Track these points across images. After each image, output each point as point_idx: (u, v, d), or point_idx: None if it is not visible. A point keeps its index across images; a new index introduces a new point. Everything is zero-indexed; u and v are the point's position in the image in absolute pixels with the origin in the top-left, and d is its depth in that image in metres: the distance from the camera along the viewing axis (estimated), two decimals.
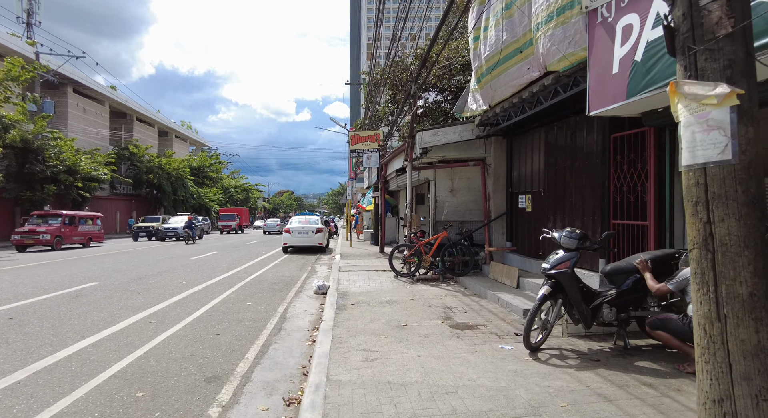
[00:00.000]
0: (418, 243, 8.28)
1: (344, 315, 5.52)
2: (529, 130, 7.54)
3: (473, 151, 8.54)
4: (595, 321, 3.84)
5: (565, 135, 6.45)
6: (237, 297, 7.20)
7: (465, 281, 7.70)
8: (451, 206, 9.15)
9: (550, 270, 3.84)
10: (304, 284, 8.80)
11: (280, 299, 7.06)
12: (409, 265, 8.51)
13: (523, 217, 7.79)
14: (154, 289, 7.90)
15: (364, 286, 7.70)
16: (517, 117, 6.75)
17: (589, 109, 4.55)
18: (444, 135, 8.20)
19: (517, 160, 8.03)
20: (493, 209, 8.37)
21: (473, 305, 6.13)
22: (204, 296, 7.22)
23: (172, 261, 12.78)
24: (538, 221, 7.22)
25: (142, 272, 10.12)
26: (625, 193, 5.13)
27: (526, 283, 6.50)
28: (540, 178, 7.13)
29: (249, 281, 9.05)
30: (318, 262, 13.07)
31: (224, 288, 8.07)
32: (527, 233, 7.59)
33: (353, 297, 6.72)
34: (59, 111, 31.78)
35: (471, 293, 7.08)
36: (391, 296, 6.75)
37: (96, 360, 4.01)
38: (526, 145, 7.66)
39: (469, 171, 9.13)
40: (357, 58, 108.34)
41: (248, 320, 5.61)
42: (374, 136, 14.69)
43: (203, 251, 16.47)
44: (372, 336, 4.54)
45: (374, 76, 20.77)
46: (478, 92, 7.56)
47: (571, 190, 6.26)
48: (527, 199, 7.60)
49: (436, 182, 9.11)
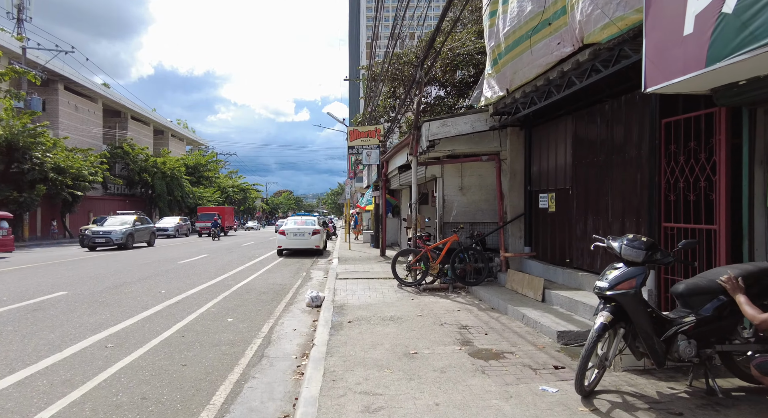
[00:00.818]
0: (424, 248, 7.35)
1: (340, 337, 4.59)
2: (552, 119, 6.61)
3: (486, 144, 7.61)
4: (668, 357, 2.91)
5: (598, 123, 5.52)
6: (218, 311, 6.27)
7: (479, 291, 6.77)
8: (460, 206, 8.22)
9: (609, 290, 2.92)
10: (297, 293, 7.87)
11: (266, 314, 6.13)
12: (415, 272, 7.59)
13: (544, 218, 6.86)
14: (126, 300, 6.97)
15: (363, 297, 6.77)
16: (541, 103, 5.82)
17: (645, 84, 3.62)
18: (454, 126, 7.27)
19: (537, 154, 7.10)
20: (509, 210, 7.44)
21: (493, 323, 5.20)
22: (180, 310, 6.29)
23: (157, 266, 11.86)
24: (563, 223, 6.30)
25: (121, 279, 9.19)
26: (682, 191, 4.20)
27: (553, 296, 5.57)
28: (566, 173, 6.21)
29: (236, 289, 8.12)
30: (314, 266, 12.14)
31: (206, 299, 7.14)
32: (550, 237, 6.67)
33: (351, 312, 5.80)
34: (50, 109, 30.86)
35: (487, 306, 6.15)
36: (396, 311, 5.82)
37: (11, 410, 3.07)
38: (548, 137, 6.74)
39: (481, 167, 8.20)
40: (356, 57, 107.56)
41: (225, 343, 4.68)
42: (374, 132, 13.76)
43: (194, 254, 15.54)
44: (374, 369, 3.61)
45: (374, 70, 19.85)
46: (494, 77, 6.63)
47: (607, 188, 5.33)
48: (550, 199, 6.67)
49: (444, 179, 8.19)
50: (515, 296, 6.16)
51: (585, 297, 5.10)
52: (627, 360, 3.41)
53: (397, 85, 16.98)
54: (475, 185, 8.25)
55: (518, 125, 7.39)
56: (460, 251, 7.11)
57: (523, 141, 7.39)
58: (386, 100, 18.42)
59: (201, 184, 45.53)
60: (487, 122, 7.34)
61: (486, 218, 8.27)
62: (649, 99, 4.63)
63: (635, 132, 4.88)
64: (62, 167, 24.14)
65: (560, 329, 4.41)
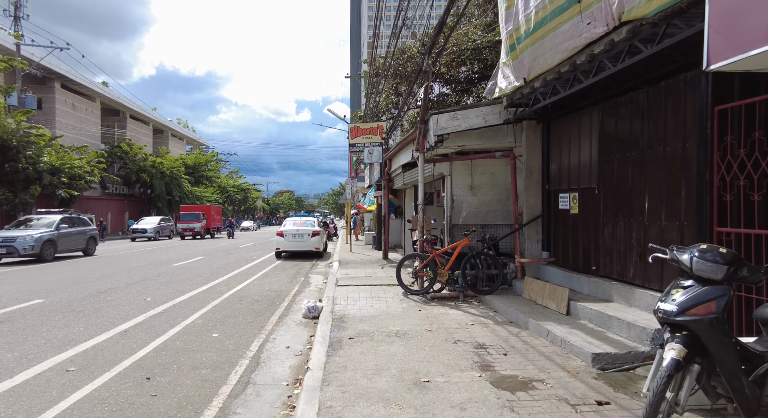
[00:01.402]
0: (432, 252, 6.72)
1: (339, 358, 3.97)
2: (574, 111, 5.98)
3: (500, 139, 6.98)
4: (761, 403, 2.28)
5: (632, 113, 4.88)
6: (205, 323, 5.66)
7: (493, 301, 6.14)
8: (470, 207, 7.59)
9: (680, 315, 2.29)
10: (294, 301, 7.25)
11: (258, 327, 5.51)
12: (421, 279, 6.96)
13: (565, 221, 6.23)
14: (107, 309, 6.37)
15: (366, 307, 6.15)
16: (565, 92, 5.19)
17: (707, 60, 2.97)
18: (464, 119, 6.64)
19: (556, 150, 6.47)
20: (525, 211, 6.81)
21: (513, 340, 4.57)
22: (163, 322, 5.68)
23: (149, 269, 11.26)
24: (588, 225, 5.66)
25: (106, 285, 8.60)
26: (743, 189, 3.57)
27: (579, 309, 4.93)
28: (592, 171, 5.57)
29: (227, 297, 7.50)
30: (313, 270, 11.52)
31: (193, 308, 6.53)
32: (572, 241, 6.03)
33: (352, 325, 5.18)
34: (46, 107, 30.38)
35: (504, 319, 5.52)
36: (402, 324, 5.20)
37: None
38: (570, 131, 6.10)
39: (493, 164, 7.58)
40: (357, 57, 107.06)
41: (207, 366, 4.06)
42: (376, 129, 13.14)
43: (189, 256, 14.95)
44: (379, 404, 2.99)
45: (376, 65, 19.22)
46: (510, 65, 6.00)
47: (642, 186, 4.69)
48: (572, 199, 6.04)
49: (453, 178, 7.56)
50: (535, 308, 5.53)
51: (618, 311, 4.47)
52: (692, 399, 2.77)
53: (400, 82, 16.36)
54: (487, 184, 7.62)
55: (535, 118, 6.75)
56: (471, 256, 6.48)
57: (541, 136, 6.75)
58: (389, 97, 17.81)
59: (201, 184, 45.00)
60: (501, 115, 6.71)
61: (498, 220, 7.63)
62: (698, 84, 4.00)
63: (678, 123, 4.24)
64: (57, 166, 23.58)
65: (595, 351, 3.78)
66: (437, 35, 6.30)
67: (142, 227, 26.67)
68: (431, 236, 8.14)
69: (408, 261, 7.38)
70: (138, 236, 26.08)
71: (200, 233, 28.76)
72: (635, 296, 4.58)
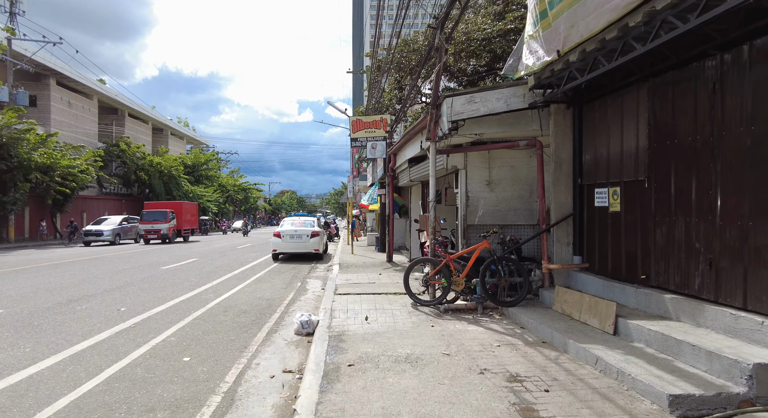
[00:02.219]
0: (447, 257, 5.81)
1: (336, 396, 3.08)
2: (614, 91, 5.06)
3: (522, 126, 6.08)
4: None
5: (697, 88, 3.96)
6: (178, 342, 4.78)
7: (518, 315, 5.22)
8: (488, 205, 6.68)
9: None
10: (287, 312, 6.36)
11: (240, 347, 4.62)
12: (433, 287, 6.06)
13: (602, 220, 5.31)
14: (68, 323, 5.50)
15: (370, 321, 5.25)
16: (610, 64, 4.28)
17: None
18: (483, 103, 5.74)
19: (591, 138, 5.55)
20: (554, 209, 5.90)
21: (553, 368, 3.66)
22: (130, 339, 4.80)
23: (134, 272, 10.42)
24: (633, 225, 4.75)
25: (82, 291, 7.74)
26: None
27: (631, 328, 4.02)
28: (639, 161, 4.65)
29: (212, 307, 6.62)
30: (312, 273, 10.64)
31: (170, 321, 5.65)
32: (612, 244, 5.12)
33: (353, 345, 4.29)
34: (41, 104, 29.65)
35: (535, 338, 4.61)
36: (413, 345, 4.30)
37: None
38: (608, 114, 5.18)
39: (513, 156, 6.67)
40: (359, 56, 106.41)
41: (166, 406, 3.17)
42: (380, 122, 12.27)
43: (182, 258, 14.11)
44: None
45: (379, 59, 18.37)
46: (539, 37, 5.09)
47: (713, 179, 3.77)
48: (611, 195, 5.12)
49: (468, 172, 6.65)
50: (572, 325, 4.61)
51: (687, 334, 3.55)
52: None
53: (403, 75, 15.51)
54: (507, 179, 6.71)
55: (565, 102, 5.84)
56: (492, 261, 5.57)
57: (571, 122, 5.84)
58: (392, 92, 16.94)
59: (201, 184, 44.26)
60: (526, 98, 5.81)
61: (519, 220, 6.72)
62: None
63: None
64: (48, 165, 22.81)
65: (672, 392, 2.86)
66: (452, 4, 5.39)
67: (98, 228, 21.52)
68: (442, 237, 7.24)
69: (417, 267, 6.48)
70: (92, 239, 21.06)
71: (168, 235, 23.03)
72: (706, 314, 3.67)
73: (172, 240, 23.65)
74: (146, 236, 22.79)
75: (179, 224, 24.80)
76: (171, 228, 23.60)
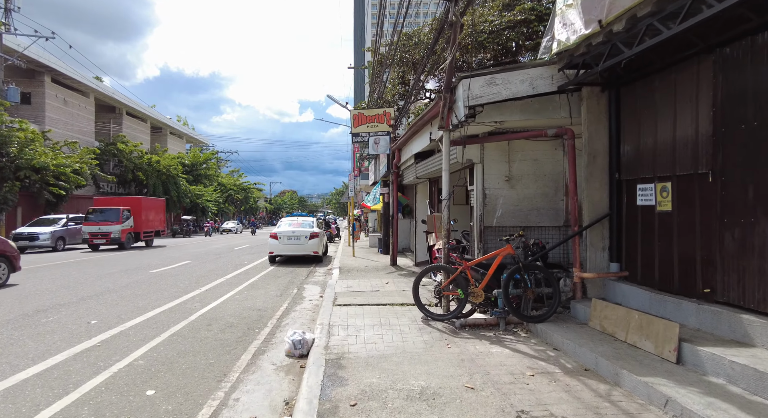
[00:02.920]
0: (463, 264, 5.02)
1: None
2: (665, 67, 4.27)
3: (549, 113, 5.29)
4: None
5: None
6: (147, 366, 4.00)
7: (549, 332, 4.43)
8: (508, 203, 5.89)
9: None
10: (279, 325, 5.58)
11: (219, 375, 3.84)
12: (446, 299, 5.27)
13: (647, 221, 4.52)
14: (24, 340, 4.74)
15: (374, 340, 4.47)
16: (671, 30, 3.48)
17: None
18: (505, 85, 4.95)
19: (632, 125, 4.76)
20: (586, 208, 5.10)
21: (608, 410, 2.87)
22: (89, 364, 4.03)
23: (120, 277, 9.66)
24: (691, 227, 3.95)
25: (53, 300, 6.98)
26: None
27: (702, 357, 3.22)
28: (700, 150, 3.86)
29: (195, 319, 5.85)
30: (310, 278, 9.86)
31: (143, 338, 4.88)
32: (661, 250, 4.32)
33: (355, 374, 3.51)
34: (35, 101, 28.98)
35: (574, 363, 3.81)
36: (428, 373, 3.52)
37: None
38: (657, 96, 4.39)
39: (536, 147, 5.88)
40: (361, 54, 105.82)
41: None
42: (383, 116, 11.48)
43: (175, 260, 13.34)
44: None
45: (381, 53, 17.63)
46: (577, 6, 4.32)
47: None
48: (660, 191, 4.33)
49: (485, 166, 5.86)
50: (618, 348, 3.82)
51: None
52: None
53: (406, 70, 14.79)
54: (529, 174, 5.92)
55: (599, 84, 5.05)
56: (516, 269, 4.78)
57: (606, 107, 5.05)
58: (394, 87, 16.19)
59: (201, 183, 43.56)
60: (554, 80, 5.02)
61: (543, 221, 5.93)
62: None
63: None
64: (40, 164, 22.09)
65: None
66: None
67: (32, 231, 17.21)
68: (454, 240, 6.46)
69: (429, 275, 5.70)
70: (26, 245, 16.65)
71: (119, 239, 18.25)
72: None
73: (127, 245, 18.85)
74: (92, 241, 17.77)
75: (138, 224, 20.00)
76: (126, 230, 18.78)
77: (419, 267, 10.37)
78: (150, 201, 23.63)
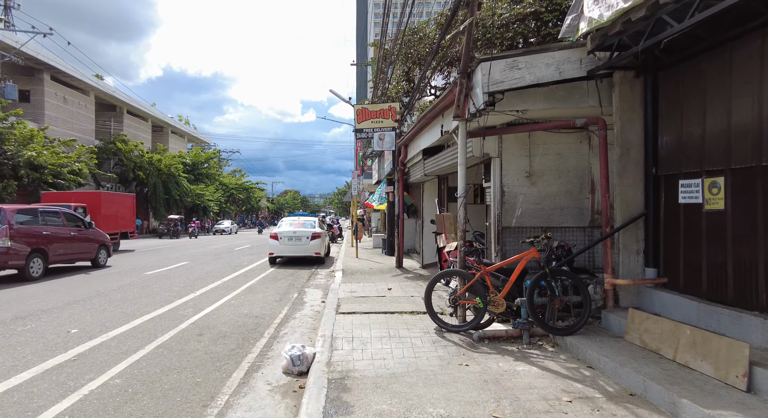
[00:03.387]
0: (482, 269, 4.50)
1: None
2: (717, 45, 3.73)
3: (576, 101, 4.76)
4: None
5: None
6: (123, 387, 3.50)
7: (580, 347, 3.90)
8: (528, 202, 5.37)
9: None
10: (277, 336, 5.07)
11: (204, 398, 3.34)
12: (462, 307, 4.75)
13: (691, 221, 3.99)
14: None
15: (382, 355, 3.96)
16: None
17: None
18: (529, 69, 4.43)
19: (673, 113, 4.23)
20: (619, 207, 4.57)
21: None
22: (57, 384, 3.53)
23: (113, 279, 9.19)
24: (751, 229, 3.42)
25: (35, 305, 6.50)
26: None
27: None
28: (765, 140, 3.32)
29: (185, 327, 5.35)
30: (312, 281, 9.35)
31: (126, 350, 4.39)
32: (709, 254, 3.79)
33: (362, 400, 2.99)
34: (35, 100, 28.64)
35: (616, 385, 3.28)
36: (447, 400, 3.00)
37: None
38: (707, 79, 3.85)
39: (559, 141, 5.35)
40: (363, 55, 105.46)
41: None
42: (388, 111, 10.96)
43: (172, 261, 12.86)
44: None
45: (385, 49, 17.13)
46: None
47: None
48: (708, 187, 3.80)
49: (504, 161, 5.35)
50: (668, 369, 3.29)
51: None
52: None
53: (411, 66, 14.30)
54: (551, 169, 5.39)
55: (633, 69, 4.52)
56: (542, 275, 4.25)
57: (641, 94, 4.51)
58: (399, 83, 15.70)
59: (202, 182, 43.18)
60: (583, 64, 4.50)
61: (567, 221, 5.40)
62: None
63: None
64: (38, 162, 21.69)
65: None
66: None
67: None
68: (467, 241, 5.92)
69: (442, 281, 5.18)
70: None
71: None
72: None
73: None
74: None
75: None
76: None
77: (426, 269, 9.85)
78: (113, 196, 20.01)
